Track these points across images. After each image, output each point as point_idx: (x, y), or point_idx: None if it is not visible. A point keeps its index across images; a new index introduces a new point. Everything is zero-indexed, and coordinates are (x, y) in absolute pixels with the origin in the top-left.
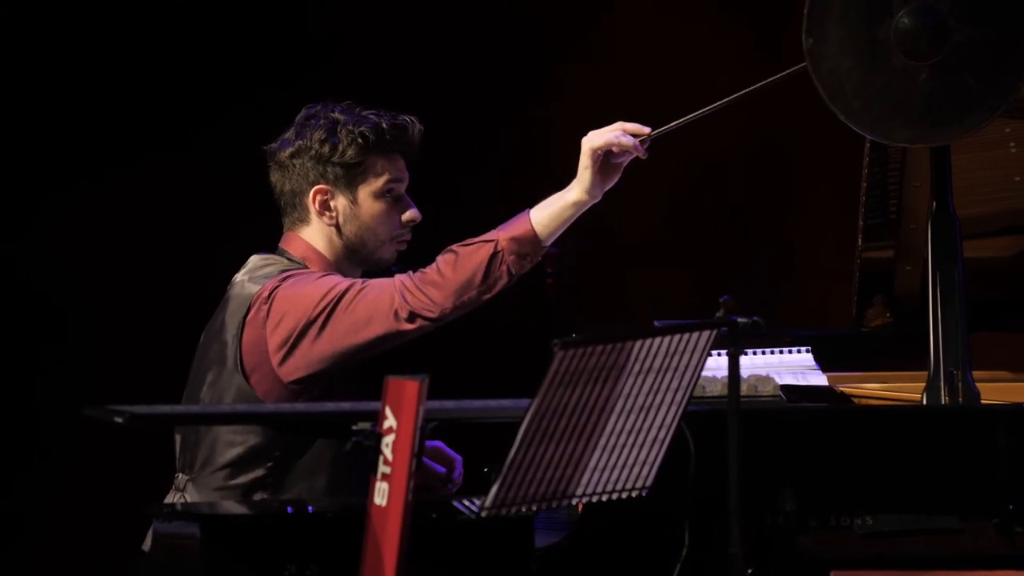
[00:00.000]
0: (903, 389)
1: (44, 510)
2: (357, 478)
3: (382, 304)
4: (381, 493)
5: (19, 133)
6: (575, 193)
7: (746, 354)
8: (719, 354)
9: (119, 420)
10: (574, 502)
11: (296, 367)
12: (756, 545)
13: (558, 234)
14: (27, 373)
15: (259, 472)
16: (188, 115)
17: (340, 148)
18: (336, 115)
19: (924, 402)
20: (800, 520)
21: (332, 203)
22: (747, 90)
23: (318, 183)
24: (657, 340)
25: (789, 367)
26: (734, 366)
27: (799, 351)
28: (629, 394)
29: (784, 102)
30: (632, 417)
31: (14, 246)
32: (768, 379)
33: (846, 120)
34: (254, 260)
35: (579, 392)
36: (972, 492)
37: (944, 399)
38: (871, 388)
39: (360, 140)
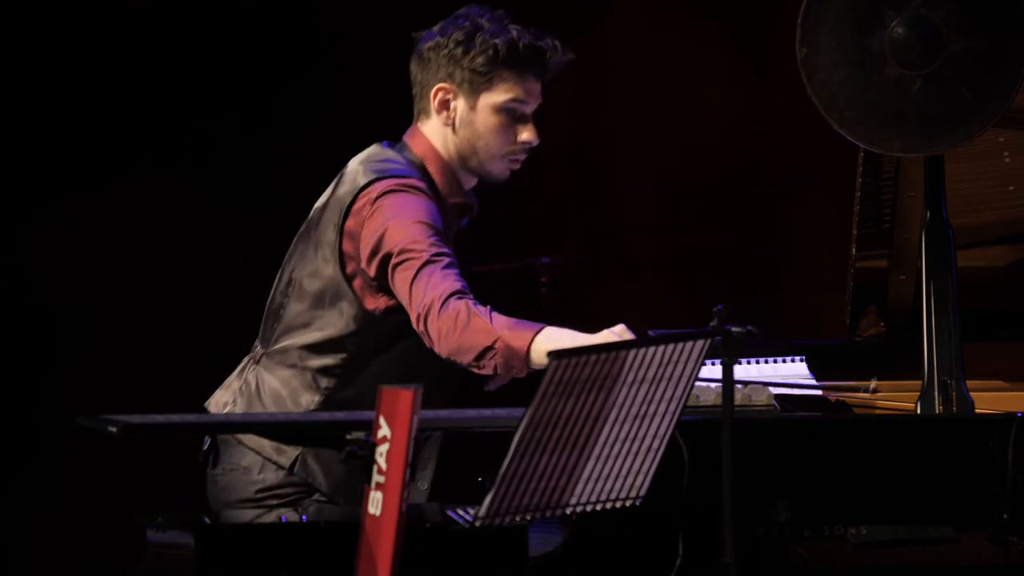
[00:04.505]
0: (897, 399)
1: (43, 518)
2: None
3: (416, 299)
4: (375, 503)
5: (12, 138)
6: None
7: (740, 363)
8: (713, 363)
9: (113, 430)
10: (568, 512)
11: (375, 273)
12: (750, 555)
13: None
14: (27, 380)
15: (330, 360)
16: (182, 120)
17: (472, 54)
18: (482, 21)
19: (918, 411)
20: (794, 530)
21: (452, 103)
22: None
23: (444, 81)
24: (651, 350)
25: (783, 376)
26: (728, 375)
27: (793, 360)
28: (623, 404)
29: (777, 111)
30: (626, 427)
31: (14, 249)
32: (762, 388)
33: (840, 130)
34: (374, 148)
35: (573, 402)
36: (966, 502)
37: (938, 408)
38: (865, 397)
39: (491, 52)
